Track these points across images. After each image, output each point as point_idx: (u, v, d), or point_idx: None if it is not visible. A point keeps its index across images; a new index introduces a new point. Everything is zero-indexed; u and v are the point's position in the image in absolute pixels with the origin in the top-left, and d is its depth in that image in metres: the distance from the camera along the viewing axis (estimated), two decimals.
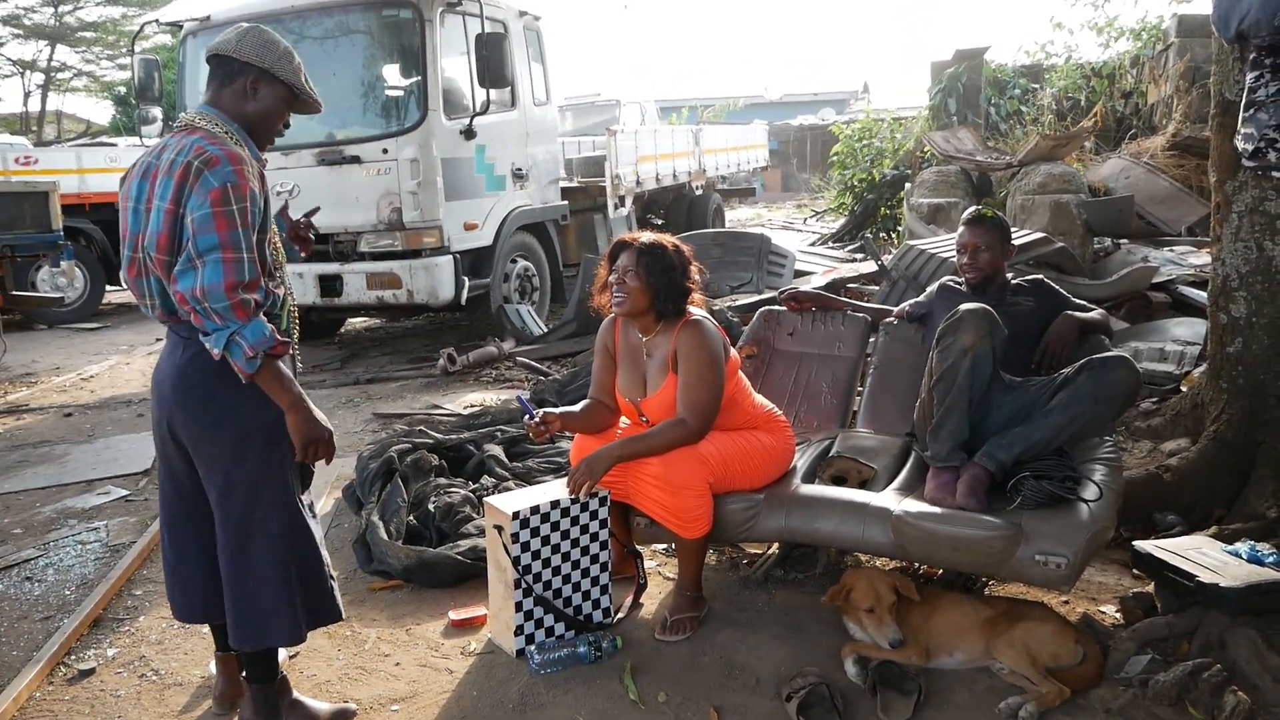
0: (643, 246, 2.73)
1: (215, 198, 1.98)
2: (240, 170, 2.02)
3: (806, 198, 23.11)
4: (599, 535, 2.70)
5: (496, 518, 2.59)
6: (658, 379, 2.76)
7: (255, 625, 2.18)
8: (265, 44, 2.17)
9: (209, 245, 1.97)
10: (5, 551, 3.61)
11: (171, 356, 2.18)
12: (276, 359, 2.06)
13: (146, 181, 2.11)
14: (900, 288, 5.28)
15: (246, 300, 1.99)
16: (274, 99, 2.20)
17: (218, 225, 1.97)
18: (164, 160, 2.08)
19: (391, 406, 5.56)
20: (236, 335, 1.98)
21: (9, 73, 27.56)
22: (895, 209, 11.74)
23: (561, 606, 2.64)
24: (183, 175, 2.02)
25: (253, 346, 1.98)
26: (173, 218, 2.03)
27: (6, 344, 7.38)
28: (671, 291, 2.72)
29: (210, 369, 2.09)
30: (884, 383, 3.45)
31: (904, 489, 2.76)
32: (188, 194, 2.01)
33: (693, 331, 2.69)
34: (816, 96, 37.35)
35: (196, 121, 2.14)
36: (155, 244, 2.05)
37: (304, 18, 6.63)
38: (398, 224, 6.27)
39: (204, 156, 2.01)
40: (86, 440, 5.27)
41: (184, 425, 2.16)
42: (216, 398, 2.12)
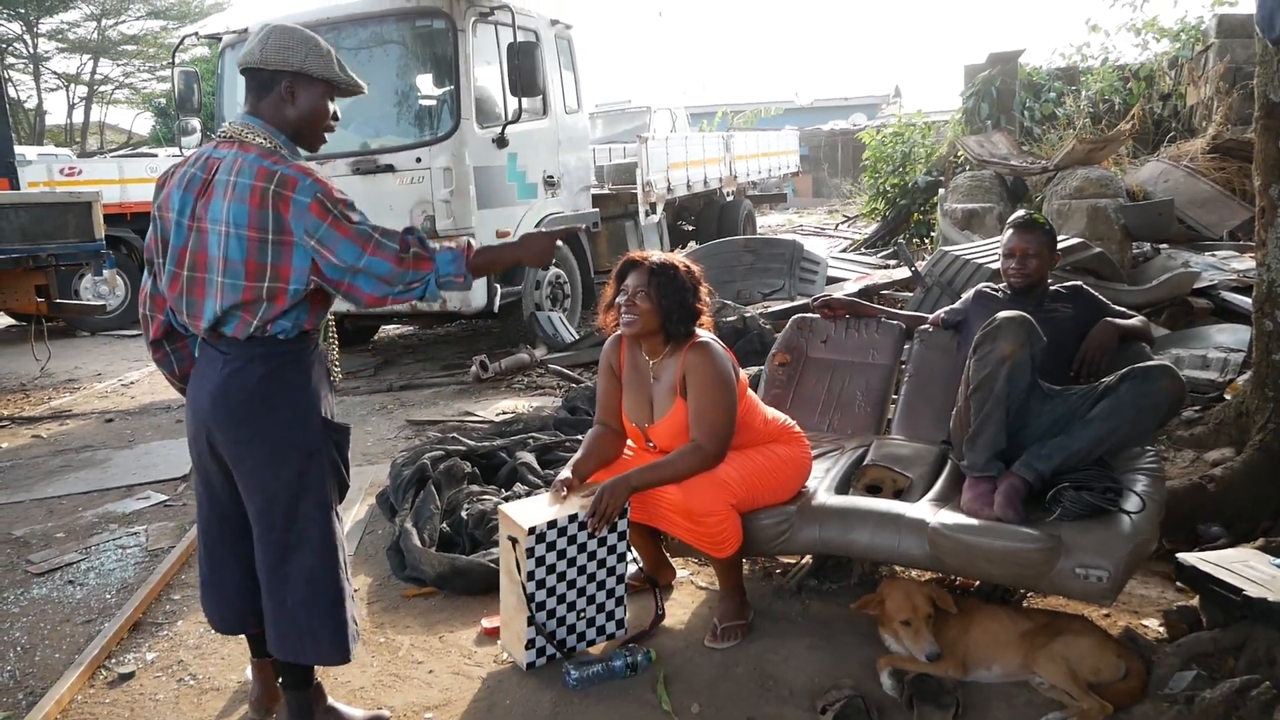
0: (655, 266, 2.66)
1: (318, 211, 2.02)
2: (316, 177, 2.07)
3: (838, 203, 22.99)
4: (616, 548, 2.63)
5: (511, 529, 2.54)
6: (665, 403, 2.70)
7: (294, 640, 2.20)
8: (289, 45, 2.10)
9: (351, 252, 2.04)
10: (48, 555, 3.68)
11: (210, 373, 2.17)
12: (476, 261, 2.20)
13: (192, 195, 2.09)
14: (935, 294, 5.23)
15: (416, 253, 2.10)
16: (314, 98, 2.15)
17: (341, 232, 2.04)
18: (219, 180, 2.05)
19: (424, 413, 5.60)
20: (439, 278, 2.13)
21: (54, 86, 28.28)
22: (928, 214, 11.63)
23: (575, 621, 2.60)
24: (258, 201, 2.01)
25: (456, 274, 2.15)
26: (259, 245, 2.03)
27: (51, 351, 7.54)
28: (683, 313, 2.65)
29: (249, 386, 2.11)
30: (919, 391, 3.42)
31: (940, 499, 2.72)
32: (277, 220, 2.01)
33: (701, 354, 2.63)
34: (847, 101, 37.15)
35: (245, 136, 2.11)
36: (241, 272, 2.03)
37: (338, 29, 6.71)
38: (431, 232, 6.31)
39: (278, 180, 2.02)
40: (127, 445, 5.37)
41: (223, 441, 2.16)
42: (255, 414, 2.12)
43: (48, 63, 27.19)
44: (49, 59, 27.20)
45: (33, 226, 6.60)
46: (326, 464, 2.20)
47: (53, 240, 6.69)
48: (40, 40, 26.35)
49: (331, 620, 2.19)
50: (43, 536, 3.92)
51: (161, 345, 2.31)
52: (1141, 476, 2.61)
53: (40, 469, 4.97)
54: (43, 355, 7.36)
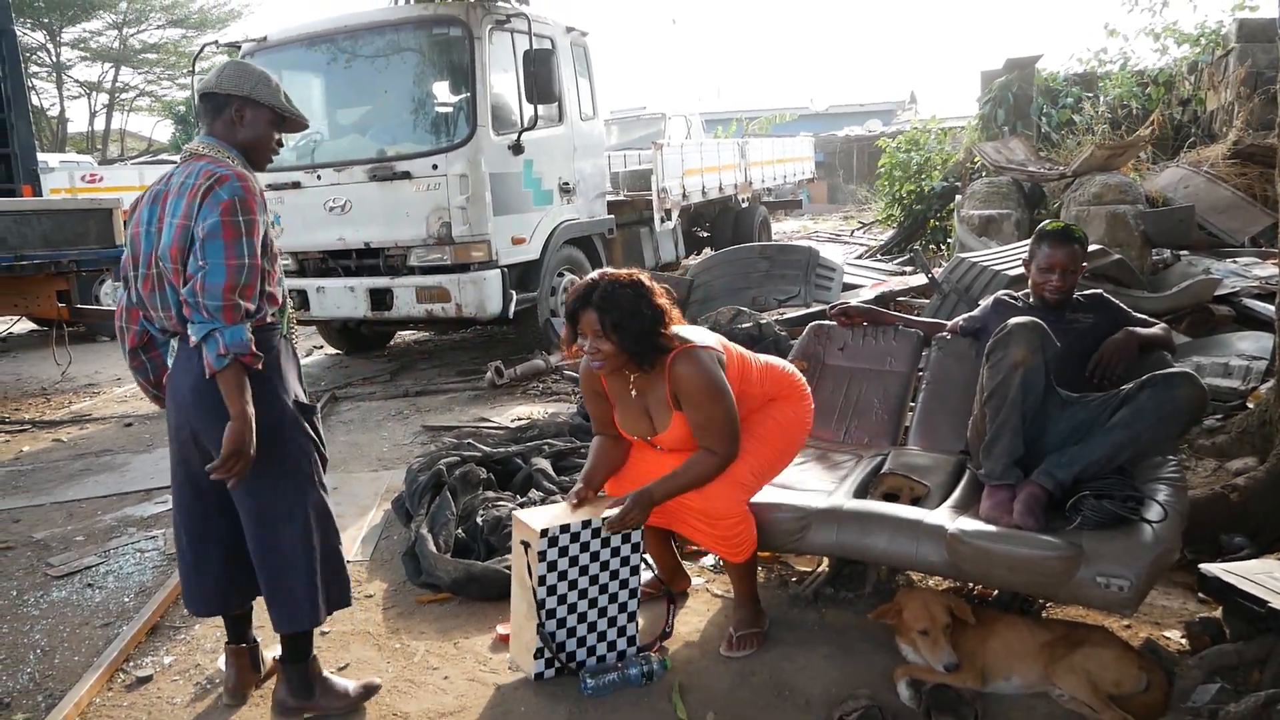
0: (599, 303, 2.51)
1: (225, 208, 2.17)
2: (247, 186, 2.23)
3: (853, 210, 22.92)
4: (630, 560, 2.61)
5: (524, 533, 2.53)
6: (664, 416, 2.65)
7: (291, 611, 2.39)
8: (242, 74, 2.36)
9: (215, 250, 2.15)
10: (68, 558, 3.71)
11: (188, 366, 2.31)
12: (244, 368, 2.18)
13: (157, 205, 2.31)
14: (951, 301, 5.20)
15: (238, 305, 2.16)
16: (260, 122, 2.38)
17: (225, 234, 2.16)
18: (174, 185, 2.29)
19: (440, 419, 5.61)
20: (216, 332, 2.14)
21: (76, 94, 28.61)
22: (945, 221, 11.58)
23: (585, 633, 2.58)
24: (193, 194, 2.21)
25: (227, 347, 2.13)
26: (183, 230, 2.21)
27: (71, 355, 7.61)
28: (645, 342, 2.54)
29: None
30: (937, 399, 3.39)
31: (958, 507, 2.70)
32: (198, 208, 2.19)
33: (686, 367, 2.54)
34: (863, 107, 37.05)
35: (201, 149, 2.33)
36: (168, 255, 2.23)
37: (356, 37, 6.76)
38: (447, 238, 6.34)
39: (214, 176, 2.22)
40: (145, 450, 5.40)
41: (206, 429, 2.30)
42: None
43: (70, 71, 27.54)
44: (71, 67, 27.55)
45: (55, 233, 6.67)
46: (302, 440, 2.40)
47: (74, 246, 6.76)
48: (63, 49, 26.69)
49: (312, 587, 2.39)
50: (62, 539, 3.95)
51: (138, 354, 2.50)
52: (1163, 485, 2.58)
53: (61, 472, 5.01)
54: (64, 360, 7.44)
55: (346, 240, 6.60)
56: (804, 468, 3.11)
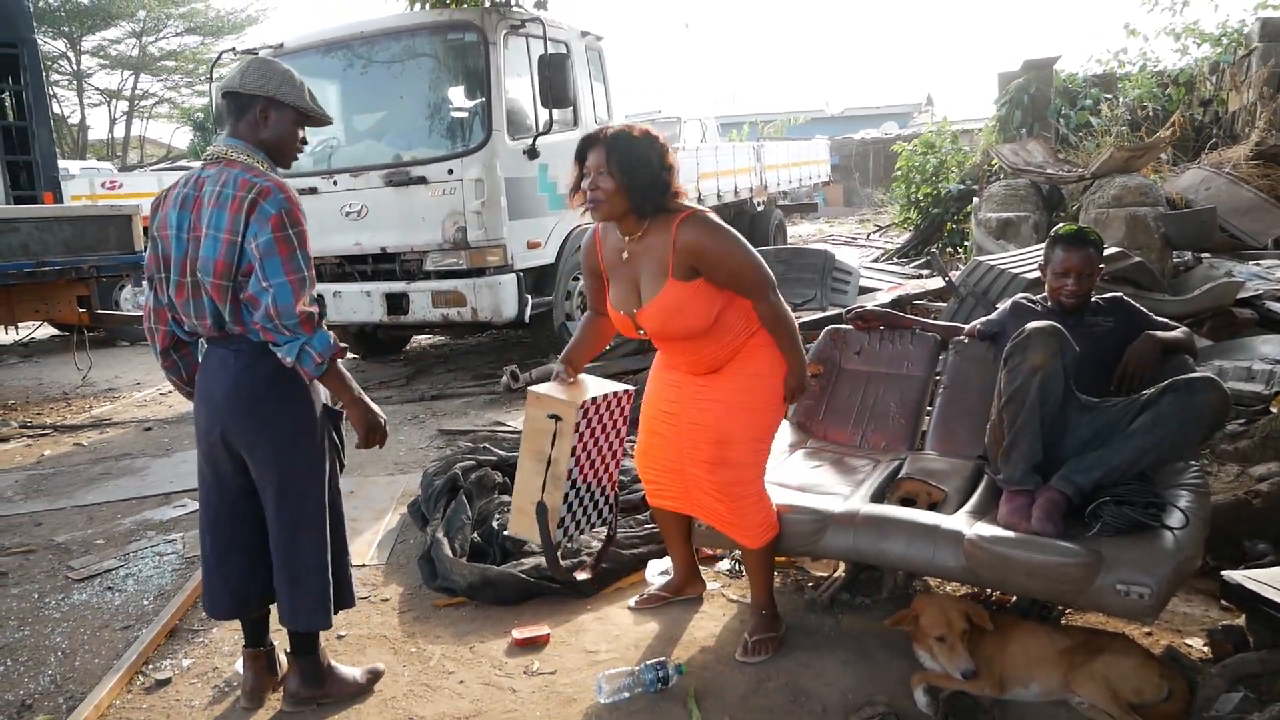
0: (609, 140, 2.47)
1: (275, 224, 2.20)
2: (290, 197, 2.25)
3: (869, 213, 22.85)
4: (621, 431, 2.76)
5: (555, 408, 2.54)
6: (653, 285, 2.52)
7: (307, 610, 2.45)
8: (265, 74, 2.33)
9: (274, 269, 2.19)
10: (88, 562, 3.74)
11: (222, 369, 2.36)
12: (338, 361, 2.31)
13: (188, 212, 2.30)
14: (969, 305, 5.16)
15: (311, 314, 2.23)
16: (284, 122, 2.37)
17: (280, 250, 2.20)
18: (206, 193, 2.27)
19: (456, 423, 5.63)
20: (306, 345, 2.23)
21: (96, 102, 28.91)
22: (962, 224, 11.52)
23: (585, 502, 2.70)
24: (236, 208, 2.22)
25: (320, 354, 2.25)
26: (229, 246, 2.23)
27: (92, 360, 7.69)
28: (649, 187, 2.46)
29: (262, 379, 2.34)
30: (954, 403, 3.37)
31: (976, 512, 2.68)
32: (244, 224, 2.21)
33: (698, 225, 2.46)
34: (879, 110, 36.94)
35: (230, 154, 2.32)
36: (211, 270, 2.24)
37: (372, 43, 6.79)
38: (462, 243, 6.35)
39: (255, 189, 2.22)
40: (165, 454, 5.44)
41: (240, 431, 2.36)
42: (269, 404, 2.36)
43: (90, 79, 27.83)
44: (91, 75, 27.85)
45: (75, 239, 6.75)
46: (329, 445, 2.47)
47: (94, 252, 6.84)
48: (83, 57, 26.97)
49: (325, 588, 2.45)
50: (83, 543, 3.98)
51: (169, 354, 2.53)
52: (1185, 491, 2.55)
53: (81, 476, 5.05)
54: (84, 365, 7.52)
55: (363, 245, 6.63)
56: (821, 470, 3.10)
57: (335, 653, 2.79)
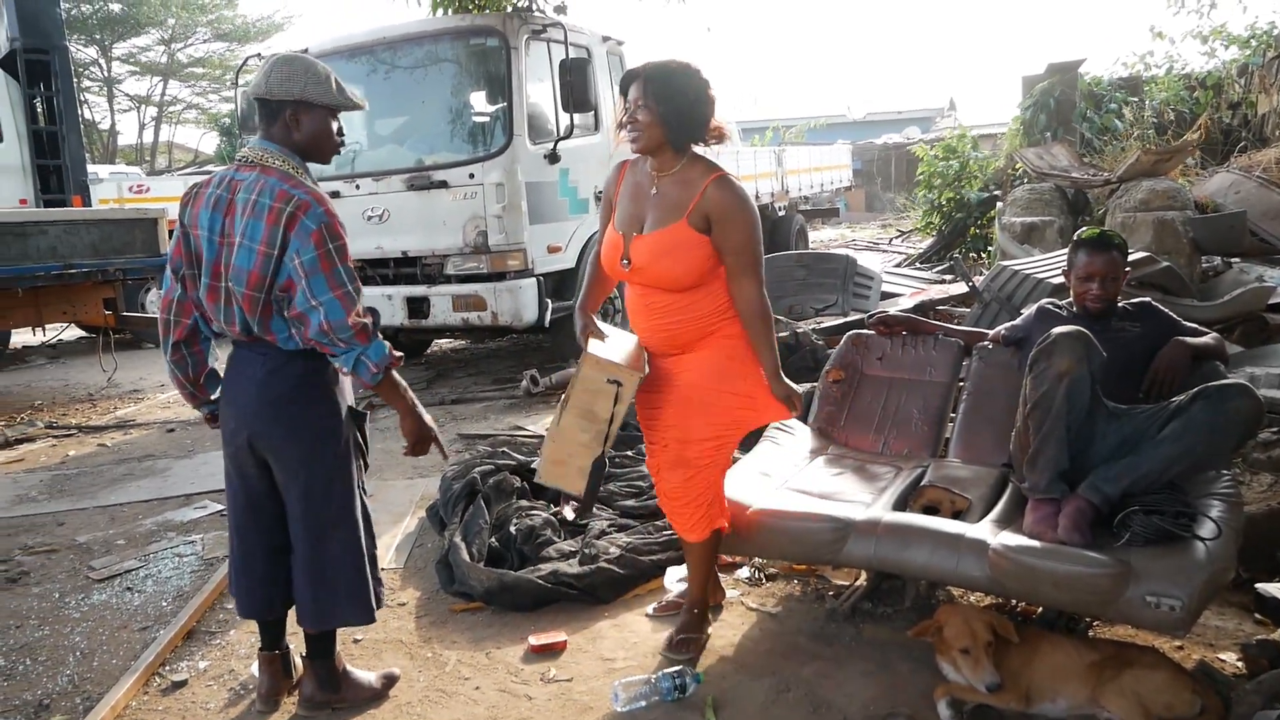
0: (649, 73, 2.46)
1: (316, 240, 2.20)
2: (329, 210, 2.23)
3: (891, 218, 22.72)
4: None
5: (616, 373, 2.52)
6: (664, 218, 2.51)
7: (330, 608, 2.45)
8: (290, 75, 2.28)
9: (321, 286, 2.20)
10: (109, 562, 3.75)
11: (248, 373, 2.36)
12: (392, 371, 2.32)
13: (220, 214, 2.27)
14: (993, 310, 5.10)
15: (365, 324, 2.25)
16: (316, 122, 2.33)
17: (324, 267, 2.20)
18: (240, 199, 2.24)
19: (476, 427, 5.62)
20: (362, 356, 2.25)
21: (126, 107, 29.33)
22: (985, 228, 11.41)
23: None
24: (273, 220, 2.20)
25: (376, 364, 2.26)
26: (265, 259, 2.21)
27: (117, 362, 7.75)
28: (686, 119, 2.47)
29: (288, 383, 2.34)
30: (978, 410, 3.32)
31: (1001, 521, 2.63)
32: (281, 237, 2.20)
33: (726, 190, 2.47)
34: (901, 115, 36.79)
35: (266, 159, 2.29)
36: (245, 280, 2.23)
37: (395, 48, 6.82)
38: (483, 247, 6.36)
39: (294, 201, 2.20)
40: (187, 455, 5.47)
41: (265, 434, 2.36)
42: (294, 408, 2.35)
43: (120, 85, 28.22)
44: (121, 82, 28.26)
45: (102, 242, 6.80)
46: (353, 447, 2.46)
47: (120, 255, 6.88)
48: (114, 64, 27.36)
49: (362, 585, 2.46)
50: (104, 543, 4.01)
51: (180, 348, 2.47)
52: (1216, 501, 2.49)
53: (104, 477, 5.09)
54: (109, 366, 7.57)
55: (384, 249, 6.65)
56: (842, 478, 3.06)
57: (351, 657, 2.78)
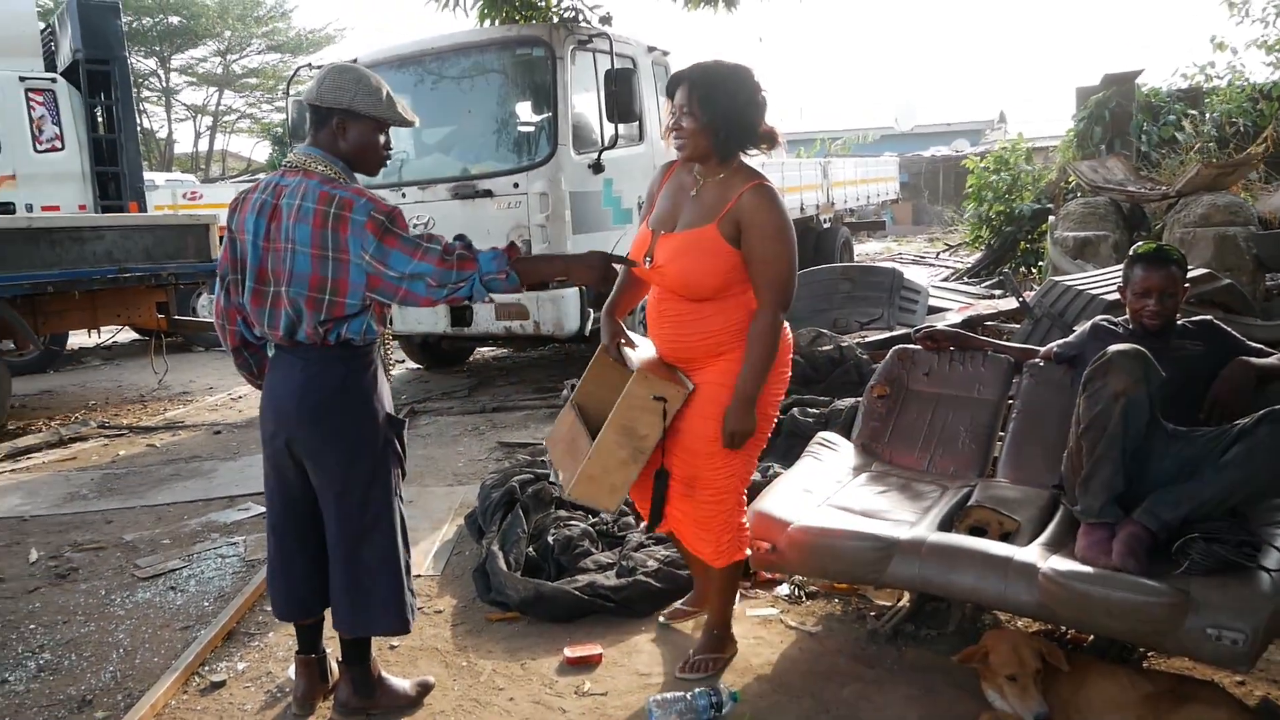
0: (694, 78, 2.41)
1: (373, 229, 2.22)
2: (371, 197, 2.26)
3: (939, 231, 22.42)
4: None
5: (663, 389, 2.49)
6: (696, 219, 2.48)
7: (364, 616, 2.43)
8: (343, 85, 2.29)
9: (400, 261, 2.23)
10: (154, 561, 3.81)
11: (289, 377, 2.37)
12: (520, 259, 2.32)
13: (264, 219, 2.30)
14: (1044, 326, 4.98)
15: (460, 255, 2.25)
16: (363, 133, 2.34)
17: (391, 244, 2.23)
18: (285, 203, 2.27)
19: (516, 435, 5.62)
20: (483, 278, 2.26)
21: (183, 117, 30.05)
22: (1036, 243, 11.19)
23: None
24: (319, 223, 2.23)
25: (498, 272, 2.26)
26: (320, 261, 2.25)
27: (168, 365, 7.91)
28: (734, 128, 2.42)
29: (327, 387, 2.34)
30: (1028, 429, 3.22)
31: (1052, 545, 2.54)
32: (336, 239, 2.22)
33: (763, 198, 2.42)
34: (950, 127, 36.36)
35: (309, 165, 2.31)
36: (307, 284, 2.25)
37: (442, 58, 6.88)
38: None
39: (336, 201, 2.23)
40: (232, 457, 5.55)
41: (304, 439, 2.36)
42: (335, 412, 2.36)
43: (178, 95, 28.93)
44: (179, 92, 28.94)
45: (156, 247, 6.96)
46: (392, 454, 2.45)
47: (173, 260, 7.04)
48: (172, 74, 28.06)
49: (397, 595, 2.44)
50: (150, 542, 4.07)
51: (240, 351, 2.56)
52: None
53: (152, 477, 5.18)
54: (161, 369, 7.73)
55: None
56: (886, 496, 2.99)
57: (387, 663, 2.77)
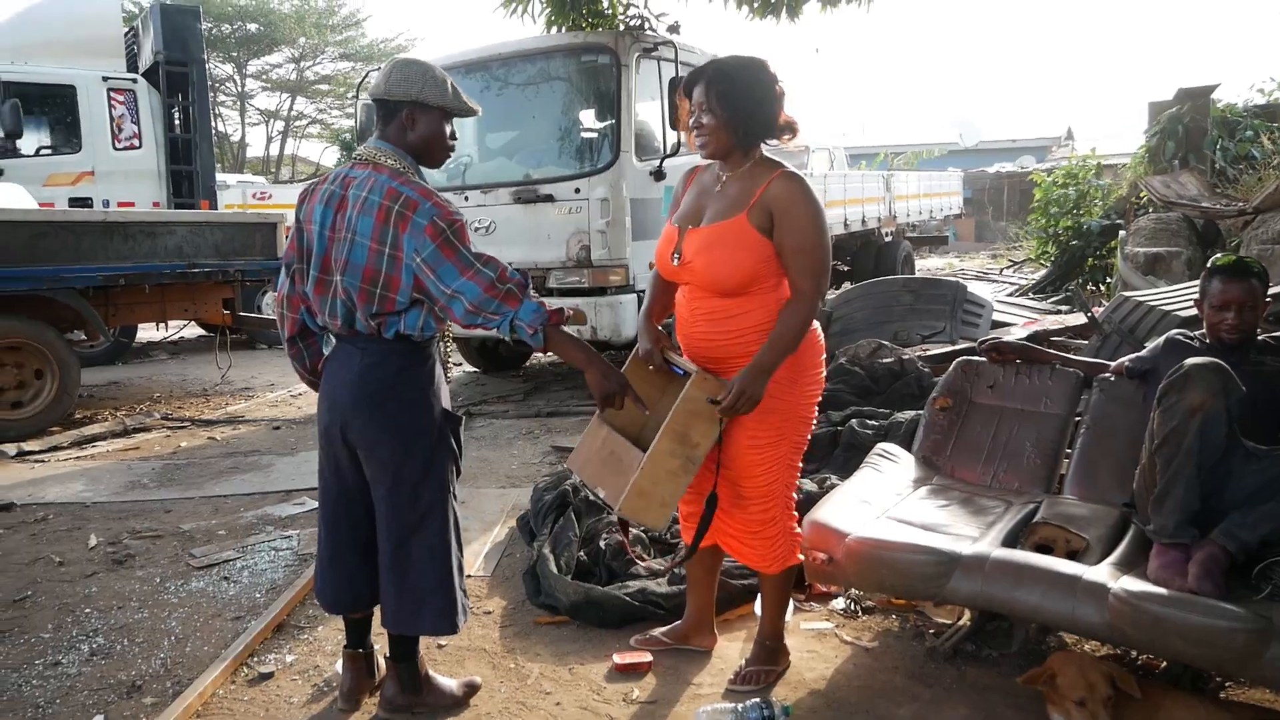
0: (711, 75, 2.39)
1: (431, 233, 2.21)
2: (436, 200, 2.24)
3: (1003, 247, 21.96)
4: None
5: (716, 392, 2.39)
6: (723, 212, 2.44)
7: (411, 613, 2.40)
8: (409, 77, 2.31)
9: (450, 274, 2.21)
10: (209, 551, 3.87)
11: (347, 367, 2.36)
12: (557, 327, 2.29)
13: (331, 209, 2.31)
14: (1113, 342, 4.81)
15: (509, 288, 2.23)
16: (430, 124, 2.34)
17: (447, 255, 2.21)
18: (353, 195, 2.28)
19: (570, 440, 5.61)
20: (515, 320, 2.24)
21: (256, 121, 30.89)
22: (1105, 259, 10.88)
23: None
24: (383, 217, 2.23)
25: (531, 323, 2.24)
26: (377, 255, 2.24)
27: (232, 360, 8.08)
28: (753, 122, 2.40)
29: (385, 378, 2.33)
30: (1098, 445, 3.10)
31: (1123, 564, 2.43)
32: (394, 236, 2.22)
33: (793, 186, 2.38)
34: (1015, 143, 35.71)
35: (378, 158, 2.32)
36: (360, 275, 2.25)
37: (509, 64, 6.93)
38: (586, 261, 6.38)
39: (402, 199, 2.23)
40: (290, 452, 5.64)
41: (359, 429, 2.35)
42: (390, 404, 2.34)
43: (252, 100, 29.76)
44: (253, 97, 29.78)
45: (224, 244, 7.11)
46: (447, 450, 2.42)
47: (240, 257, 7.19)
48: (247, 80, 28.89)
49: (446, 593, 2.41)
50: (206, 533, 4.13)
51: (296, 342, 2.54)
52: None
53: (211, 469, 5.28)
54: (224, 364, 7.90)
55: None
56: (947, 510, 2.89)
57: (434, 662, 2.76)
